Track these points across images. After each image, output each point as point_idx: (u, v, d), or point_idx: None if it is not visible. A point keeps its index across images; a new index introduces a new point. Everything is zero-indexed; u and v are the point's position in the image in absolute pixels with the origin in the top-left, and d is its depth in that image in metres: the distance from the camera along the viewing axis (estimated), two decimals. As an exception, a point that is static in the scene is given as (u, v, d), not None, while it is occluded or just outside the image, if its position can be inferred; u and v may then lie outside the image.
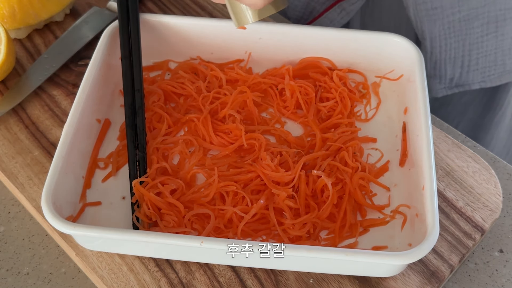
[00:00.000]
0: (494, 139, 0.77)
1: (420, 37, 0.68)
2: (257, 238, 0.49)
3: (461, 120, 0.76)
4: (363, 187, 0.52)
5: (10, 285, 0.51)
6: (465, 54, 0.68)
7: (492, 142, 0.77)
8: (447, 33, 0.67)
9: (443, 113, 0.67)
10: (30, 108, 0.60)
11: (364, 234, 0.50)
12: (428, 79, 0.71)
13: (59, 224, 0.45)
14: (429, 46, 0.68)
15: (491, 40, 0.67)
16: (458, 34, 0.67)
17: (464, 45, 0.68)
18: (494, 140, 0.77)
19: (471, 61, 0.69)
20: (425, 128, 0.50)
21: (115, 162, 0.54)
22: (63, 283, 0.51)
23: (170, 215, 0.49)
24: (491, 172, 0.54)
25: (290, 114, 0.58)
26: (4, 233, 0.54)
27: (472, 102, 0.74)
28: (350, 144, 0.54)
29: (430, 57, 0.69)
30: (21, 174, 0.54)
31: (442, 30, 0.67)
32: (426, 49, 0.68)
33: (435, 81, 0.71)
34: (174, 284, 0.48)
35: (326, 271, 0.48)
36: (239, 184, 0.51)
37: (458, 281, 0.51)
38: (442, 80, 0.70)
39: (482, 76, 0.70)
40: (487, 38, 0.67)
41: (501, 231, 0.54)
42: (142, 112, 0.55)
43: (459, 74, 0.70)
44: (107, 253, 0.49)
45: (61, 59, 0.63)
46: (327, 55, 0.60)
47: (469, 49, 0.68)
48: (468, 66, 0.69)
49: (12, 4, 0.63)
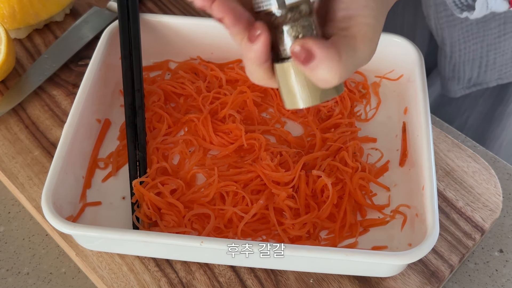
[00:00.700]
0: (505, 130, 0.77)
1: (440, 43, 0.68)
2: (257, 238, 0.49)
3: (472, 112, 0.76)
4: (363, 187, 0.52)
5: (10, 285, 0.51)
6: (483, 55, 0.69)
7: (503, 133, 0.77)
8: (466, 36, 0.67)
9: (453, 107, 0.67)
10: (30, 108, 0.60)
11: (364, 234, 0.50)
12: (446, 81, 0.71)
13: (59, 224, 0.45)
14: (449, 51, 0.69)
15: (508, 39, 0.68)
16: (476, 36, 0.67)
17: (482, 47, 0.68)
18: (505, 132, 0.77)
19: (489, 61, 0.69)
20: (425, 128, 0.50)
21: (115, 162, 0.54)
22: (63, 283, 0.51)
23: (170, 215, 0.49)
24: (491, 172, 0.54)
25: (290, 114, 0.58)
26: (4, 233, 0.54)
27: (482, 94, 0.75)
28: (350, 144, 0.54)
29: (449, 61, 0.70)
30: (21, 174, 0.54)
31: (461, 34, 0.67)
32: (445, 53, 0.69)
33: (454, 83, 0.71)
34: (174, 284, 0.48)
35: (326, 271, 0.48)
36: (239, 184, 0.51)
37: (458, 281, 0.51)
38: (460, 81, 0.71)
39: (499, 74, 0.70)
40: (504, 38, 0.68)
41: (501, 231, 0.54)
42: (142, 112, 0.55)
43: (477, 74, 0.70)
44: (107, 253, 0.49)
45: (61, 59, 0.63)
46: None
47: (487, 50, 0.69)
48: (486, 66, 0.69)
49: (12, 4, 0.63)
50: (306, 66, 0.34)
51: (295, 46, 0.34)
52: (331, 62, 0.34)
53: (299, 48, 0.34)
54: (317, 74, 0.34)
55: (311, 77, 0.35)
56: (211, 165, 0.53)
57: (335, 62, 0.34)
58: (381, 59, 0.59)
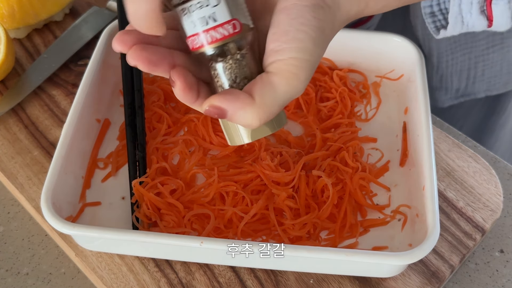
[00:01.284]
0: (498, 141, 0.76)
1: (427, 53, 0.68)
2: (257, 238, 0.49)
3: (465, 123, 0.76)
4: (364, 187, 0.52)
5: (10, 285, 0.50)
6: (471, 66, 0.68)
7: (496, 144, 0.77)
8: (453, 47, 0.67)
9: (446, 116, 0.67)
10: (29, 108, 0.60)
11: (365, 234, 0.50)
12: (434, 91, 0.71)
13: (58, 224, 0.45)
14: (436, 62, 0.68)
15: (496, 51, 0.67)
16: (464, 47, 0.67)
17: (470, 58, 0.68)
18: (498, 142, 0.77)
19: (477, 73, 0.68)
20: (425, 128, 0.50)
21: (115, 162, 0.54)
22: (63, 283, 0.51)
23: (169, 215, 0.49)
24: (492, 172, 0.54)
25: (290, 114, 0.58)
26: (3, 233, 0.54)
27: (475, 105, 0.74)
28: (350, 144, 0.54)
29: (436, 71, 0.69)
30: (21, 174, 0.54)
31: (448, 45, 0.67)
32: (432, 64, 0.68)
33: (441, 93, 0.71)
34: (174, 284, 0.48)
35: (326, 271, 0.48)
36: (239, 184, 0.51)
37: (458, 282, 0.51)
38: (448, 92, 0.70)
39: (487, 86, 0.70)
40: (492, 50, 0.67)
41: (501, 231, 0.54)
42: (142, 112, 0.55)
43: (465, 85, 0.70)
44: (106, 253, 0.49)
45: (60, 59, 0.63)
46: (327, 54, 0.59)
47: (475, 62, 0.68)
48: (474, 77, 0.69)
49: (12, 3, 0.63)
50: (224, 119, 0.35)
51: (204, 106, 0.35)
52: (244, 110, 0.34)
53: (208, 109, 0.34)
54: (237, 122, 0.35)
55: (236, 122, 0.36)
56: (211, 165, 0.53)
57: (247, 108, 0.34)
58: (381, 59, 0.59)
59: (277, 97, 0.34)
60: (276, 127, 0.37)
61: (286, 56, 0.34)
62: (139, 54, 0.34)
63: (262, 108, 0.34)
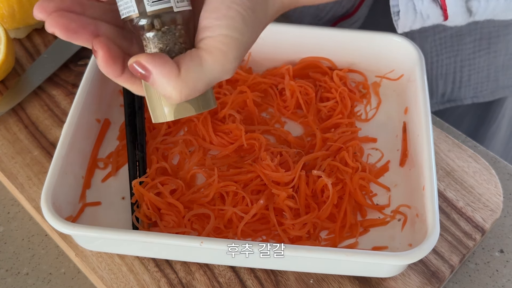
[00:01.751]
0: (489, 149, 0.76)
1: None
2: (257, 238, 0.49)
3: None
4: (363, 187, 0.52)
5: (10, 285, 0.50)
6: (457, 70, 0.68)
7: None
8: (439, 49, 0.66)
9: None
10: (29, 108, 0.60)
11: (364, 234, 0.50)
12: None
13: (58, 224, 0.45)
14: None
15: (483, 56, 0.67)
16: (449, 50, 0.66)
17: (455, 61, 0.67)
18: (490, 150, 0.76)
19: (463, 77, 0.68)
20: (425, 128, 0.50)
21: (115, 162, 0.54)
22: (63, 283, 0.51)
23: (169, 215, 0.49)
24: (492, 172, 0.54)
25: (290, 114, 0.58)
26: (3, 233, 0.54)
27: (466, 114, 0.74)
28: (350, 144, 0.54)
29: None
30: (21, 174, 0.54)
31: (433, 46, 0.66)
32: None
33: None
34: (174, 284, 0.48)
35: (326, 271, 0.48)
36: (239, 184, 0.51)
37: (458, 282, 0.51)
38: (433, 96, 0.70)
39: (474, 92, 0.69)
40: (479, 54, 0.66)
41: (501, 231, 0.54)
42: (142, 112, 0.55)
43: (451, 89, 0.69)
44: (106, 254, 0.49)
45: (60, 59, 0.63)
46: (327, 55, 0.60)
47: (461, 65, 0.67)
48: (460, 82, 0.68)
49: (12, 4, 0.63)
50: (146, 81, 0.34)
51: (130, 61, 0.34)
52: (167, 78, 0.33)
53: (133, 65, 0.34)
54: (158, 88, 0.34)
55: (157, 90, 0.34)
56: (211, 165, 0.53)
57: (172, 78, 0.33)
58: (381, 59, 0.59)
59: (203, 73, 0.34)
60: (201, 108, 0.36)
61: (216, 33, 0.34)
62: (57, 20, 0.33)
63: (185, 82, 0.34)
